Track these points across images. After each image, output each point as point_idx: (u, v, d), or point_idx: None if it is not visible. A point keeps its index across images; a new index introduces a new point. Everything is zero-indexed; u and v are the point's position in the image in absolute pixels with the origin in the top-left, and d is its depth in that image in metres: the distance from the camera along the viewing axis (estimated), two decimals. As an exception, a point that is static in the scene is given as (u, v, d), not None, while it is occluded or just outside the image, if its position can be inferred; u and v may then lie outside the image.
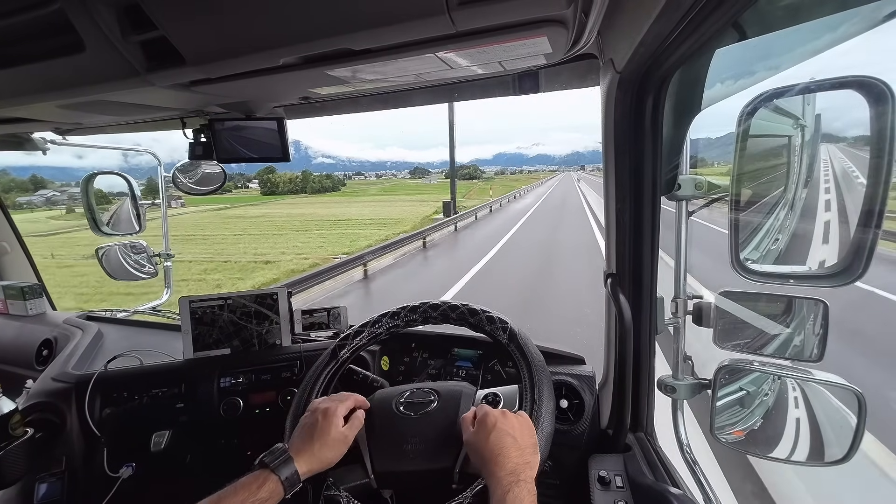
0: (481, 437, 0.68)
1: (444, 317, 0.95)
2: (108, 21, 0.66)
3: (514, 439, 0.67)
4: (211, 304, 1.23)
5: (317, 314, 1.35)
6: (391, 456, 0.77)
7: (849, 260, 0.61)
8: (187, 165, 1.54)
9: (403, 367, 1.27)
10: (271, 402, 1.20)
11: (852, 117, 0.56)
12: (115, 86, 0.81)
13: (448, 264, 10.09)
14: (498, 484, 0.62)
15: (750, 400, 0.89)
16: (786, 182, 0.72)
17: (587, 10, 0.63)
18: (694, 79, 0.75)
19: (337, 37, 0.64)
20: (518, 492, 0.60)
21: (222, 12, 0.62)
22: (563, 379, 1.06)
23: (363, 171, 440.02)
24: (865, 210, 0.57)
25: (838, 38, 0.56)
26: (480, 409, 0.74)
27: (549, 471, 1.05)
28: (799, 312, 0.81)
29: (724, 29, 0.55)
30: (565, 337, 4.57)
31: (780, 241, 0.75)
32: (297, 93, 1.02)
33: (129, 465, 1.10)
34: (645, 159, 0.84)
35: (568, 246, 10.95)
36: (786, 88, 0.62)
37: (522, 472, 0.63)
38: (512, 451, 0.65)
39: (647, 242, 0.90)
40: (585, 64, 0.93)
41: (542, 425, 0.74)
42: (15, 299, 1.68)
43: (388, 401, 0.86)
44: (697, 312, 0.88)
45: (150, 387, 1.16)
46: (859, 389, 0.67)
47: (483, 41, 0.66)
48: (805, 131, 0.68)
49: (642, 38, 0.60)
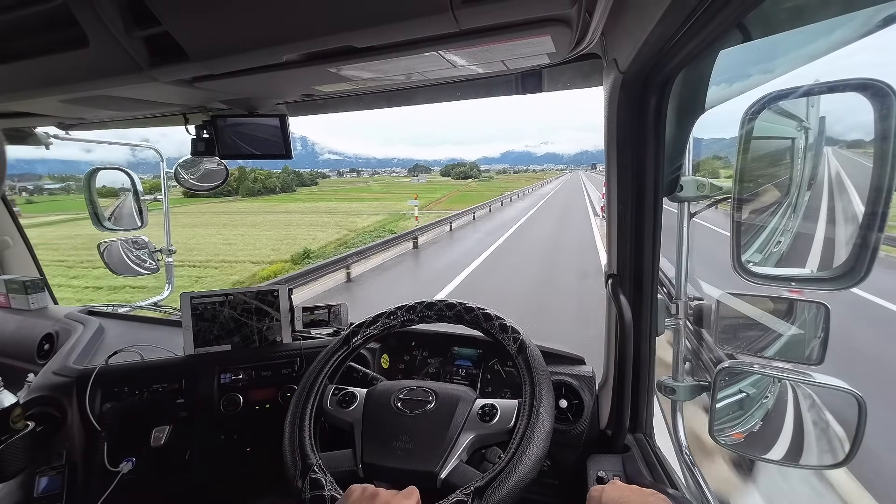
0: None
1: (459, 317, 0.95)
2: (111, 16, 0.66)
3: (632, 492, 0.65)
4: (212, 300, 1.23)
5: (317, 311, 1.35)
6: (380, 450, 0.77)
7: (851, 263, 0.61)
8: (189, 161, 1.55)
9: (403, 366, 1.27)
10: (271, 399, 1.20)
11: (856, 120, 0.56)
12: (118, 81, 0.81)
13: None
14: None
15: (750, 402, 0.89)
16: (788, 184, 0.72)
17: (591, 9, 0.63)
18: (697, 80, 0.75)
19: (340, 34, 0.64)
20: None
21: (226, 8, 0.62)
22: (562, 379, 1.06)
23: (370, 167, 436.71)
24: (868, 213, 0.57)
25: (843, 40, 0.56)
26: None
27: (548, 470, 1.05)
28: (800, 315, 0.80)
29: (728, 30, 0.55)
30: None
31: (782, 244, 0.75)
32: (300, 90, 1.02)
33: (129, 460, 1.10)
34: (647, 160, 0.84)
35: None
36: (790, 90, 0.62)
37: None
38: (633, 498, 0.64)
39: (649, 243, 0.90)
40: (589, 64, 0.93)
41: (534, 446, 0.73)
42: (17, 293, 1.69)
43: (388, 395, 0.87)
44: (698, 314, 0.88)
45: (151, 382, 1.17)
46: (859, 393, 0.67)
47: (486, 40, 0.66)
48: (809, 134, 0.68)
49: (646, 38, 0.60)
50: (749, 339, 0.84)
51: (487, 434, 0.79)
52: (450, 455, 0.75)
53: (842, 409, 0.72)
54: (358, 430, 0.80)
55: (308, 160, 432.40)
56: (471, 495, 0.65)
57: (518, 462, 0.70)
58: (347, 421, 0.83)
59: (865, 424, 0.67)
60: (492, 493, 0.66)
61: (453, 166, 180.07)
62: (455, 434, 0.78)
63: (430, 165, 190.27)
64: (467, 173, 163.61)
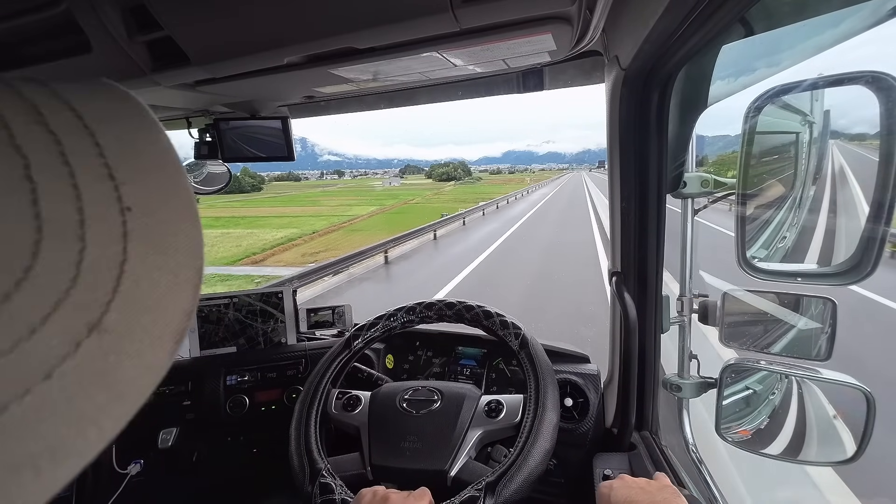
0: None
1: (459, 316, 0.96)
2: (114, 21, 0.66)
3: (640, 489, 0.64)
4: (217, 302, 1.24)
5: (321, 312, 1.35)
6: (389, 451, 0.77)
7: (858, 257, 0.60)
8: (192, 165, 1.55)
9: (408, 366, 1.27)
10: (277, 400, 1.21)
11: (861, 114, 0.56)
12: (121, 86, 0.82)
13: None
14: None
15: (756, 399, 0.88)
16: (793, 179, 0.72)
17: (592, 6, 0.63)
18: (700, 75, 0.75)
19: (341, 35, 0.64)
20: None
21: (227, 12, 0.63)
22: (567, 377, 1.06)
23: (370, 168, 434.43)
24: (875, 206, 0.57)
25: (846, 33, 0.55)
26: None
27: (554, 469, 1.05)
28: (807, 311, 0.80)
29: (730, 25, 0.55)
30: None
31: (787, 239, 0.75)
32: (302, 92, 1.02)
33: (137, 462, 1.11)
34: (650, 157, 0.84)
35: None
36: (794, 84, 0.62)
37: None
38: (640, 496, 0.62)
39: (653, 240, 0.90)
40: (590, 61, 0.92)
41: (542, 439, 0.73)
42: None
43: (393, 396, 0.87)
44: (703, 310, 0.88)
45: (158, 384, 1.17)
46: (868, 389, 0.67)
47: (487, 39, 0.66)
48: (813, 128, 0.68)
49: (647, 34, 0.60)
50: (755, 336, 0.84)
51: (495, 429, 0.79)
52: (458, 452, 0.75)
53: (850, 406, 0.72)
54: (364, 433, 0.80)
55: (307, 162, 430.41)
56: (482, 491, 0.65)
57: (527, 456, 0.70)
58: (353, 425, 0.84)
59: (874, 420, 0.66)
60: (503, 487, 0.66)
61: (436, 167, 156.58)
62: (462, 431, 0.78)
63: (417, 165, 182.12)
64: (450, 174, 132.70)
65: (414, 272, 8.90)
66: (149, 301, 0.17)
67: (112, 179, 0.17)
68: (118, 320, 0.15)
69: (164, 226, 0.18)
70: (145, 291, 0.16)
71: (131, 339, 0.16)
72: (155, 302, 0.17)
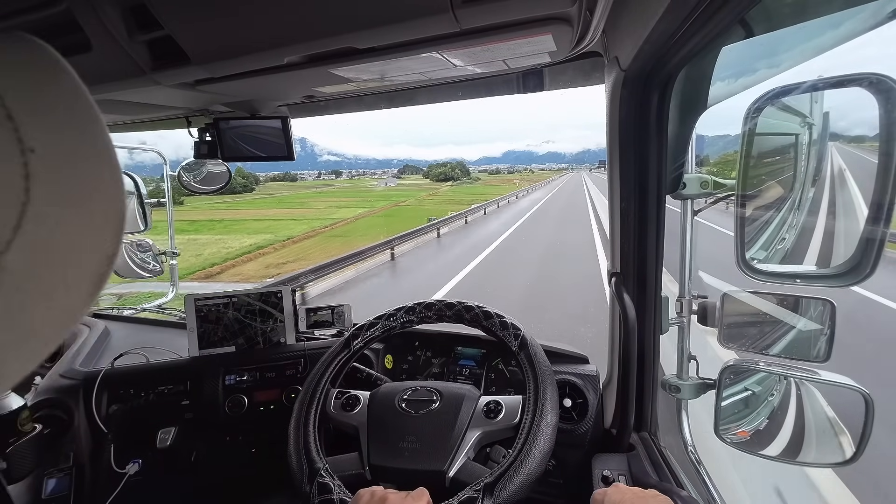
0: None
1: (458, 316, 0.96)
2: (114, 21, 0.66)
3: (634, 495, 0.65)
4: (216, 301, 1.24)
5: (321, 312, 1.35)
6: (387, 451, 0.77)
7: (856, 259, 0.60)
8: (192, 164, 1.55)
9: (407, 366, 1.27)
10: (275, 400, 1.21)
11: (861, 115, 0.56)
12: (121, 85, 0.82)
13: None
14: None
15: (755, 400, 0.88)
16: (793, 181, 0.72)
17: (592, 7, 0.63)
18: (700, 76, 0.75)
19: (341, 35, 0.64)
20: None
21: (227, 11, 0.63)
22: (566, 378, 1.06)
23: (370, 168, 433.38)
24: (874, 208, 0.57)
25: (846, 34, 0.55)
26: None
27: (553, 470, 1.05)
28: (806, 312, 0.80)
29: (730, 26, 0.55)
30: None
31: (786, 241, 0.75)
32: (302, 91, 1.02)
33: (135, 461, 1.11)
34: (650, 158, 0.84)
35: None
36: (793, 86, 0.62)
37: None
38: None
39: (652, 241, 0.90)
40: (590, 62, 0.92)
41: (541, 440, 0.73)
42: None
43: (392, 396, 0.87)
44: (702, 312, 0.88)
45: (156, 384, 1.17)
46: (866, 390, 0.67)
47: (487, 39, 0.66)
48: (813, 129, 0.68)
49: (648, 35, 0.60)
50: (754, 337, 0.84)
51: (494, 430, 0.79)
52: (457, 453, 0.75)
53: (848, 407, 0.72)
54: (363, 433, 0.80)
55: (307, 162, 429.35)
56: (481, 491, 0.65)
57: (526, 456, 0.70)
58: (352, 424, 0.83)
59: (873, 421, 0.66)
60: (501, 487, 0.66)
61: (433, 167, 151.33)
62: (461, 432, 0.78)
63: (429, 166, 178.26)
64: (448, 175, 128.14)
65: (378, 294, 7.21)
66: (57, 243, 0.16)
67: (10, 120, 0.16)
68: (19, 260, 0.15)
69: (75, 168, 0.18)
70: (52, 234, 0.16)
71: (37, 281, 0.15)
72: (66, 245, 0.16)
